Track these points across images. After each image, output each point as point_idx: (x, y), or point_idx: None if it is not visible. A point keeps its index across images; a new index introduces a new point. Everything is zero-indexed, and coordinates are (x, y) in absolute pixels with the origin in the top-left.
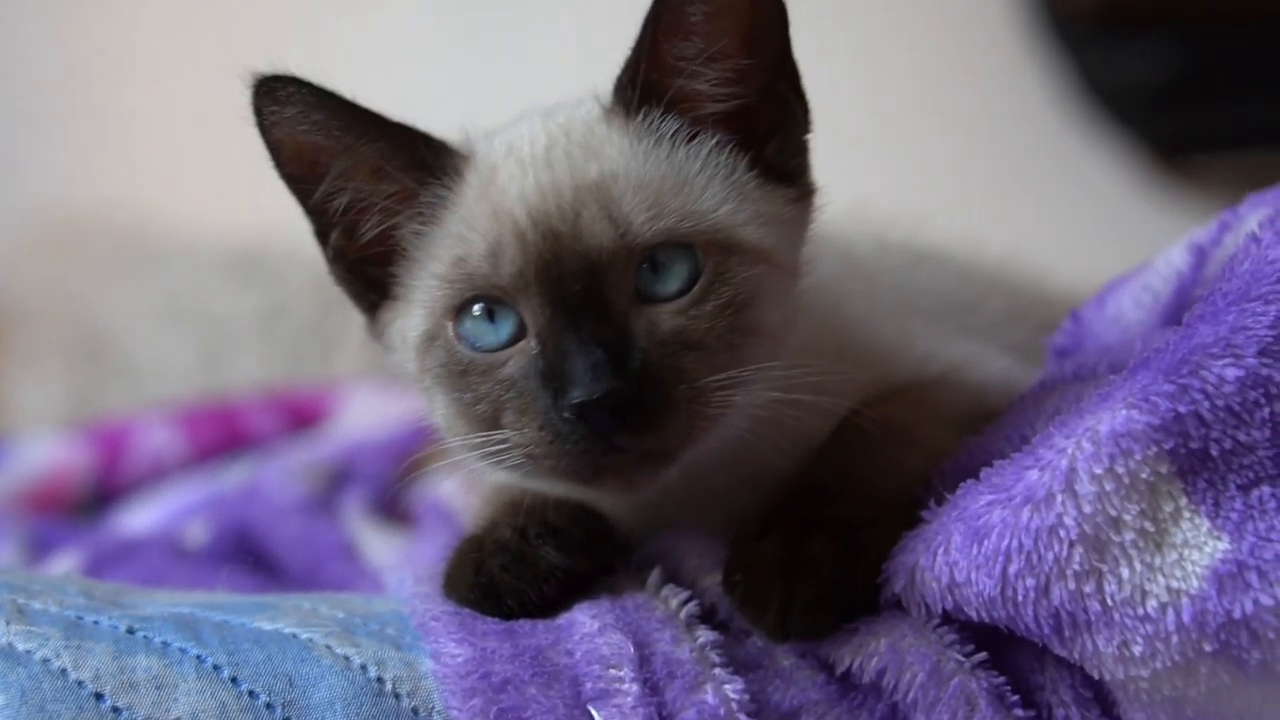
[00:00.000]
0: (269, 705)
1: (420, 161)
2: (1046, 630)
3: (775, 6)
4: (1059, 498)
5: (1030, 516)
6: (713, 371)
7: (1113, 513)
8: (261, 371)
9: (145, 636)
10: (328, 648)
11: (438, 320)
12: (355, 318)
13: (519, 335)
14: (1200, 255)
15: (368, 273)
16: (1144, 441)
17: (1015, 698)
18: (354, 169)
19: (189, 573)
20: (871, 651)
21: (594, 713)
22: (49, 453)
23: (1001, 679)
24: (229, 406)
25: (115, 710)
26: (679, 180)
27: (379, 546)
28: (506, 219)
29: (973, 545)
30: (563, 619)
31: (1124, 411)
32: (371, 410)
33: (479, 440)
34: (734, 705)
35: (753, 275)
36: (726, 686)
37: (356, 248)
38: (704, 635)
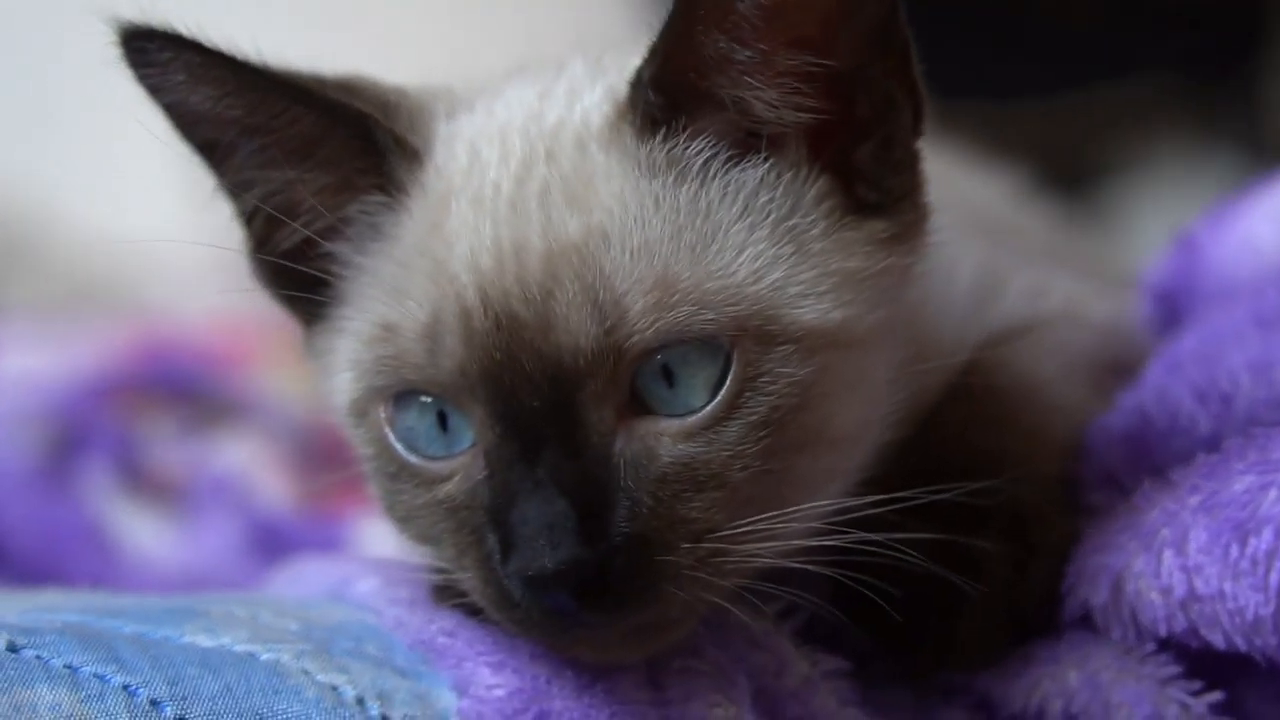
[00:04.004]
0: None
1: (360, 154)
2: None
3: None
4: None
5: None
6: (735, 516)
7: None
8: None
9: (38, 656)
10: (305, 674)
11: (368, 396)
12: None
13: (475, 443)
14: None
15: (299, 277)
16: None
17: None
18: (270, 153)
19: None
20: (1057, 690)
21: None
22: None
23: None
24: None
25: None
26: (704, 238)
27: (138, 530)
28: (449, 287)
29: (1231, 545)
30: None
31: None
32: (36, 348)
33: (418, 553)
34: None
35: (808, 372)
36: None
37: (280, 250)
38: (827, 663)
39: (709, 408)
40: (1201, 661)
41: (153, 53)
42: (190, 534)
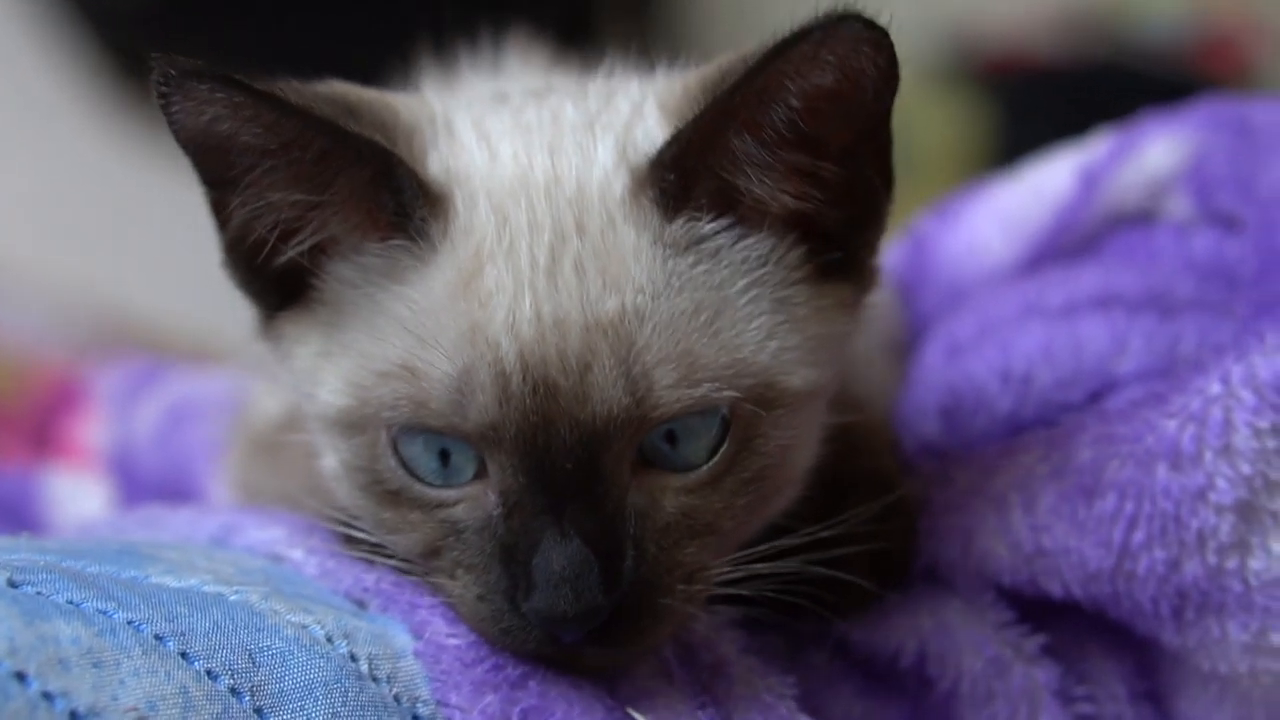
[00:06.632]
0: (234, 691)
1: (382, 197)
2: (1164, 612)
3: (890, 81)
4: (1208, 455)
5: (1169, 476)
6: (719, 555)
7: (1274, 475)
8: None
9: (39, 593)
10: (276, 613)
11: (369, 418)
12: None
13: (478, 474)
14: (1090, 182)
15: (276, 268)
16: None
17: (1081, 690)
18: (287, 180)
19: None
20: (912, 633)
21: (635, 715)
22: None
23: (1060, 669)
24: None
25: (47, 697)
26: (718, 313)
27: None
28: (486, 349)
29: (1078, 507)
30: None
31: None
32: None
33: (394, 559)
34: (794, 705)
35: (792, 431)
36: (776, 680)
37: (273, 255)
38: (723, 614)
39: (709, 466)
40: (1025, 608)
41: (194, 89)
42: None
